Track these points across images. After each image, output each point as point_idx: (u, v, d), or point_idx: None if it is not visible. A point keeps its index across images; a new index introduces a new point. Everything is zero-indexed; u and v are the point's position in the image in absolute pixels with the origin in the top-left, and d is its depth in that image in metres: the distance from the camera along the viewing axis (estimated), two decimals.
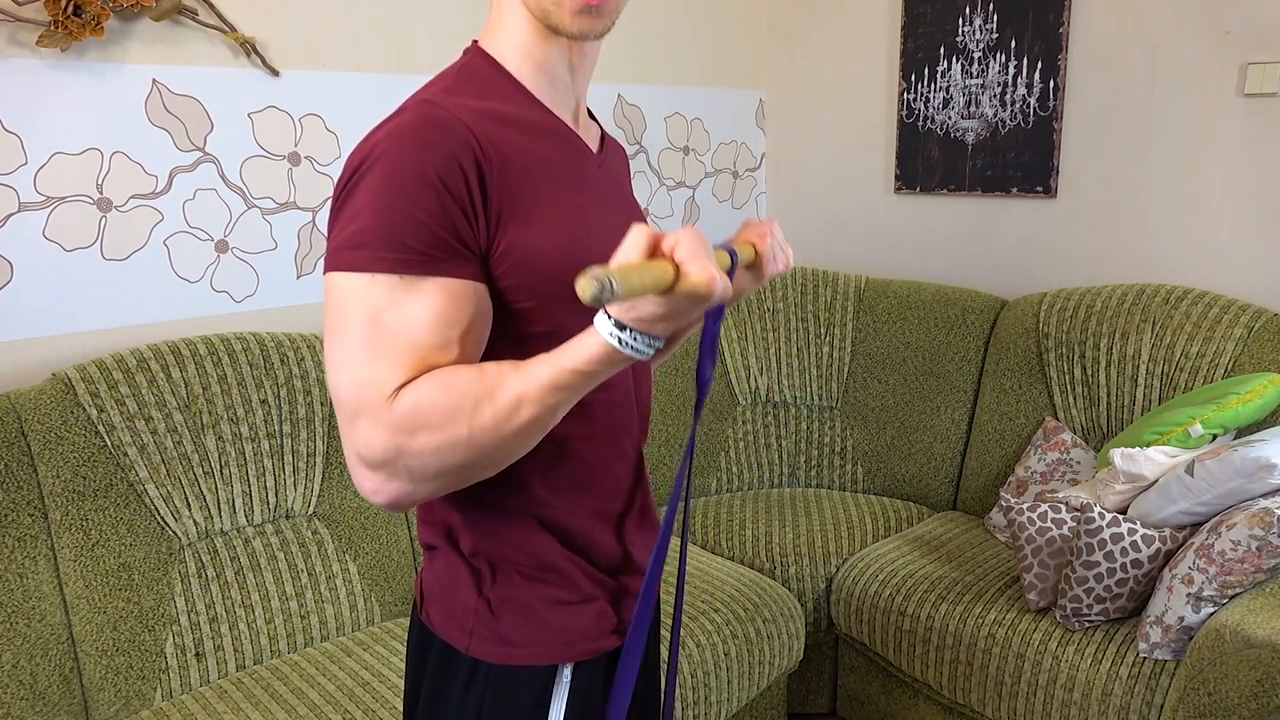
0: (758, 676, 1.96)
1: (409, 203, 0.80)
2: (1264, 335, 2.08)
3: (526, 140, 0.89)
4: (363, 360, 0.80)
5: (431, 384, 0.79)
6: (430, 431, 0.79)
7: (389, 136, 0.82)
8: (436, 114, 0.83)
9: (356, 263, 0.80)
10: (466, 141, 0.83)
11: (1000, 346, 2.44)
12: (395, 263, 0.80)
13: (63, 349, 1.83)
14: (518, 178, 0.87)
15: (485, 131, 0.85)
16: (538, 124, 0.91)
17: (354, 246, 0.80)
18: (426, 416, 0.79)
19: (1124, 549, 1.76)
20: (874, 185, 2.93)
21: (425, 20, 2.24)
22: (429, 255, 0.81)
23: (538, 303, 0.87)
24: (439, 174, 0.81)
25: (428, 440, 0.79)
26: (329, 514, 1.92)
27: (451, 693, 0.97)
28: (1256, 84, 2.17)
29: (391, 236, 0.80)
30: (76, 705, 1.62)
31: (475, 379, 0.80)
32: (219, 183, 1.98)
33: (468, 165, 0.82)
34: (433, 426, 0.79)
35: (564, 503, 0.95)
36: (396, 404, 0.79)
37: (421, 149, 0.81)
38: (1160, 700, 1.67)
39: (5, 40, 1.69)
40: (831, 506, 2.45)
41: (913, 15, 2.71)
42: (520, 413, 0.79)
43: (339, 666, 1.75)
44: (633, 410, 1.01)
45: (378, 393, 0.79)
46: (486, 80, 0.91)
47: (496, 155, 0.85)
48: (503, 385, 0.79)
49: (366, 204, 0.81)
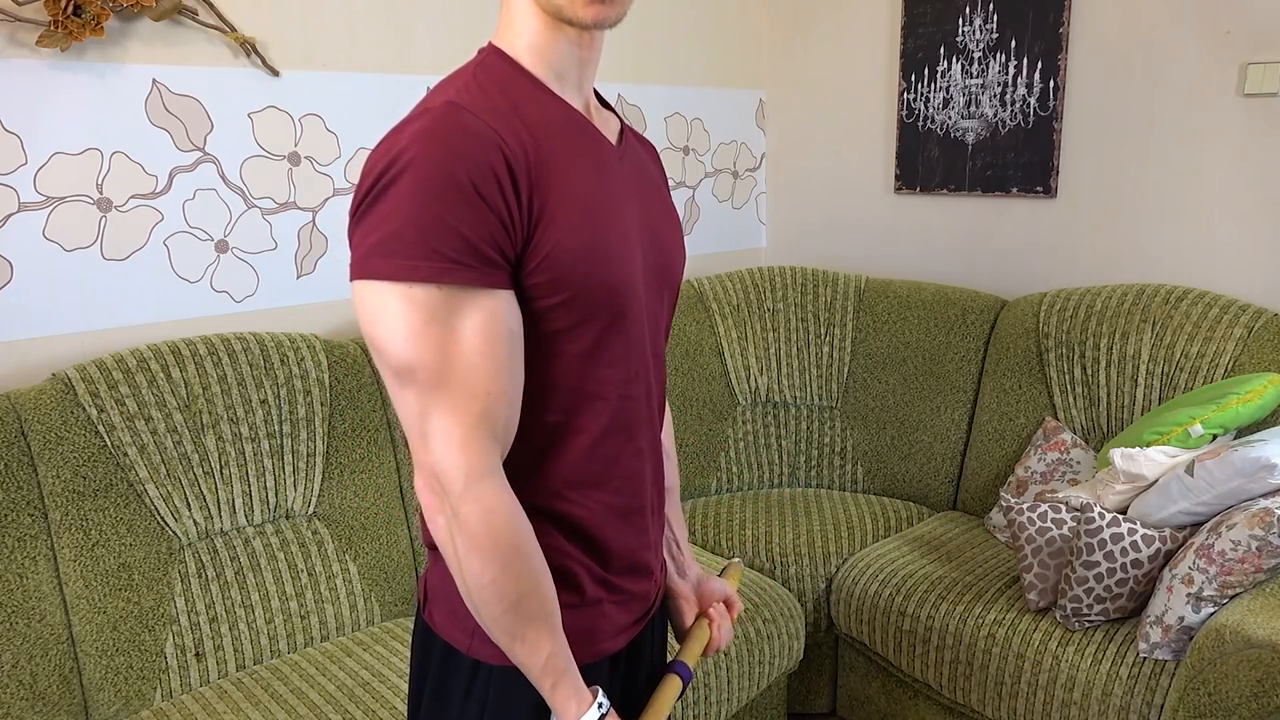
0: (758, 676, 1.97)
1: (442, 209, 0.78)
2: (1264, 335, 2.08)
3: (549, 136, 0.89)
4: (438, 405, 0.83)
5: (509, 540, 0.86)
6: (471, 558, 0.85)
7: (416, 141, 0.80)
8: (464, 118, 0.82)
9: (390, 271, 0.79)
10: (497, 145, 0.82)
11: (1000, 346, 2.44)
12: (429, 270, 0.78)
13: (63, 349, 1.83)
14: (547, 176, 0.86)
15: (512, 134, 0.84)
16: (558, 118, 0.91)
17: (385, 254, 0.79)
18: (479, 553, 0.85)
19: (1124, 549, 1.76)
20: (874, 185, 2.93)
21: (425, 20, 2.24)
22: (465, 265, 0.80)
23: (563, 298, 0.87)
24: (473, 181, 0.79)
25: (475, 563, 0.85)
26: (329, 514, 1.92)
27: (453, 693, 0.97)
28: (1256, 84, 2.17)
29: (426, 244, 0.78)
30: (76, 705, 1.62)
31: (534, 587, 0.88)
32: (219, 183, 1.98)
33: (500, 170, 0.81)
34: (475, 560, 0.85)
35: (578, 497, 0.95)
36: (478, 508, 0.84)
37: (453, 155, 0.79)
38: (1160, 700, 1.67)
39: (5, 40, 1.69)
40: (831, 506, 2.45)
41: (913, 15, 2.71)
42: (516, 645, 0.89)
43: (339, 666, 1.75)
44: (650, 404, 1.01)
45: (461, 469, 0.84)
46: (505, 77, 0.90)
47: (526, 156, 0.84)
48: (532, 623, 0.88)
49: (396, 210, 0.79)
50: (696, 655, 1.11)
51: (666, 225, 1.03)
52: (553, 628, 0.90)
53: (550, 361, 0.90)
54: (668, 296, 1.04)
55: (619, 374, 0.94)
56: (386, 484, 1.99)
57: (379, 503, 1.97)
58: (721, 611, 1.17)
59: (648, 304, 0.98)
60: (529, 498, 0.93)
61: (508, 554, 0.85)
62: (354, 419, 1.96)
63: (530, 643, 0.88)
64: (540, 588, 0.88)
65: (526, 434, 0.91)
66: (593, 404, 0.92)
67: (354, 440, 1.95)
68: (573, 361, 0.90)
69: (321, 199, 2.14)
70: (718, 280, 2.73)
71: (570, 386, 0.91)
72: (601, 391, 0.93)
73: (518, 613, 0.87)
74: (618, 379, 0.94)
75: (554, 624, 0.90)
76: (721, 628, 1.15)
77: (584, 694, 0.91)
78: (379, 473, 1.98)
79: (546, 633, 0.89)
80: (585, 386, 0.92)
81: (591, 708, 0.91)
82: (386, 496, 1.99)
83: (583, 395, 0.92)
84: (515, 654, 0.89)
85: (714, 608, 1.17)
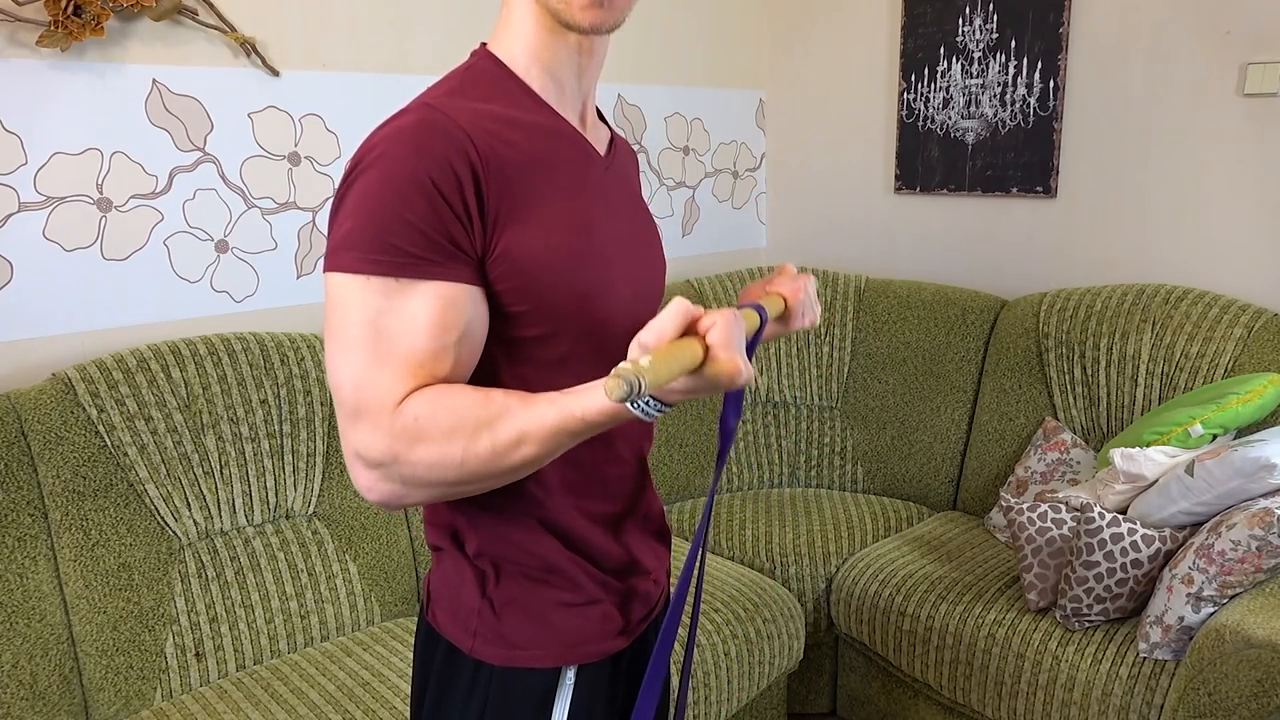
0: (758, 676, 1.97)
1: (400, 205, 0.80)
2: (1264, 335, 2.08)
3: (529, 143, 0.89)
4: (363, 364, 0.81)
5: (434, 401, 0.81)
6: (427, 445, 0.80)
7: (385, 140, 0.83)
8: (434, 118, 0.84)
9: (349, 263, 0.81)
10: (462, 145, 0.83)
11: (1000, 346, 2.44)
12: (388, 265, 0.80)
13: (63, 349, 1.83)
14: (516, 180, 0.87)
15: (484, 134, 0.85)
16: (542, 127, 0.91)
17: (346, 248, 0.81)
18: (426, 432, 0.80)
19: (1124, 549, 1.76)
20: (874, 185, 2.93)
21: (425, 20, 2.24)
22: (421, 258, 0.81)
23: (533, 306, 0.87)
24: (431, 178, 0.81)
25: (424, 454, 0.80)
26: (329, 514, 1.92)
27: (455, 693, 0.97)
28: (1256, 84, 2.17)
29: (381, 238, 0.80)
30: (76, 705, 1.62)
31: (479, 403, 0.81)
32: (219, 183, 1.98)
33: (461, 169, 0.82)
34: (430, 441, 0.80)
35: (558, 504, 0.95)
36: (398, 414, 0.80)
37: (416, 152, 0.81)
38: (1160, 700, 1.67)
39: (5, 40, 1.69)
40: (831, 506, 2.45)
41: (913, 15, 2.71)
42: (520, 449, 0.80)
43: (339, 666, 1.75)
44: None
45: (379, 399, 0.81)
46: (492, 82, 0.91)
47: (494, 158, 0.85)
48: (506, 417, 0.80)
49: (358, 206, 0.82)
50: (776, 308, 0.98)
51: (647, 235, 1.04)
52: (509, 410, 0.80)
53: (525, 369, 0.90)
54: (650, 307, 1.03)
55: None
56: None
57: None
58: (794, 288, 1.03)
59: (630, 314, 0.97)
60: (515, 506, 0.93)
61: (428, 421, 0.80)
62: None
63: (517, 440, 0.80)
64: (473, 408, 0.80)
65: None
66: None
67: None
68: (548, 370, 0.90)
69: (321, 199, 2.14)
70: (718, 280, 2.73)
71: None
72: None
73: (474, 440, 0.80)
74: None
75: (510, 408, 0.80)
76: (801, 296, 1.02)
77: (594, 387, 0.79)
78: None
79: (514, 420, 0.80)
80: None
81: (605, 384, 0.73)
82: None
83: None
84: (519, 455, 0.81)
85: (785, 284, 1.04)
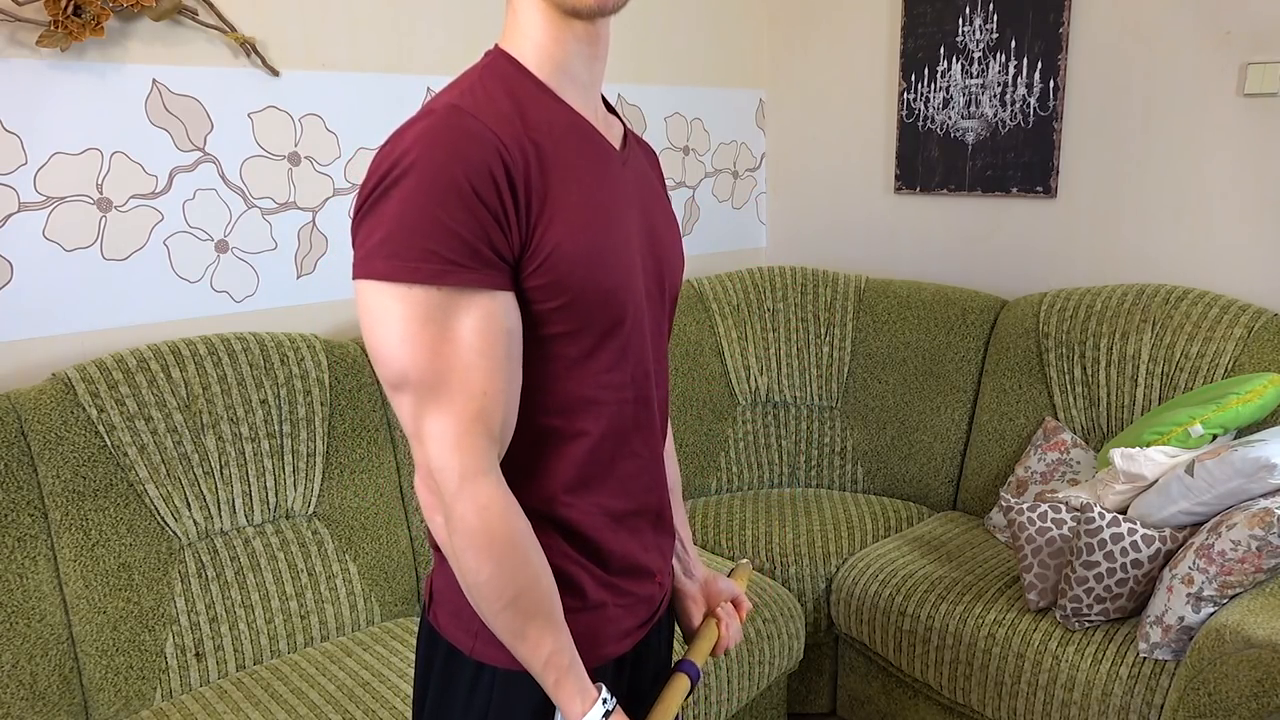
0: (758, 676, 1.97)
1: (439, 211, 0.80)
2: (1264, 335, 2.08)
3: (552, 140, 0.89)
4: (419, 399, 0.84)
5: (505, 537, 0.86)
6: (467, 555, 0.86)
7: (418, 142, 0.82)
8: (465, 122, 0.83)
9: (390, 272, 0.80)
10: (495, 147, 0.83)
11: (1000, 346, 2.44)
12: (428, 273, 0.80)
13: (63, 349, 1.83)
14: (547, 180, 0.87)
15: (512, 134, 0.85)
16: (562, 122, 0.91)
17: (386, 255, 0.80)
18: (475, 550, 0.85)
19: (1124, 549, 1.76)
20: (874, 185, 2.93)
21: (425, 20, 2.24)
22: (463, 265, 0.81)
23: (563, 302, 0.88)
24: (471, 184, 0.81)
25: (465, 558, 0.86)
26: (329, 514, 1.92)
27: (457, 695, 0.97)
28: (1256, 84, 2.17)
29: (425, 245, 0.80)
30: (76, 705, 1.62)
31: (533, 583, 0.88)
32: (219, 183, 1.98)
33: (498, 172, 0.82)
34: (471, 556, 0.86)
35: (574, 500, 0.95)
36: (472, 505, 0.85)
37: (452, 156, 0.81)
38: (1160, 700, 1.67)
39: (5, 40, 1.69)
40: (831, 506, 2.45)
41: (913, 15, 2.71)
42: (518, 643, 0.89)
43: (339, 666, 1.75)
44: (648, 410, 1.00)
45: (455, 468, 0.84)
46: (511, 81, 0.90)
47: (525, 158, 0.85)
48: (533, 620, 0.88)
49: (398, 212, 0.80)
50: (704, 655, 1.11)
51: (666, 231, 1.04)
52: (555, 624, 0.90)
53: (548, 365, 0.90)
54: (668, 302, 1.04)
55: (616, 379, 0.94)
56: (386, 484, 1.99)
57: (379, 503, 1.97)
58: (730, 611, 1.16)
59: (648, 310, 0.98)
60: (525, 501, 0.93)
61: (503, 551, 0.85)
62: (354, 419, 1.96)
63: (532, 639, 0.88)
64: (539, 584, 0.88)
65: (522, 437, 0.91)
66: (589, 408, 0.93)
67: (354, 440, 1.95)
68: (570, 366, 0.91)
69: (321, 199, 2.14)
70: (718, 280, 2.73)
71: (567, 390, 0.91)
72: (598, 396, 0.93)
73: (516, 609, 0.87)
74: (615, 384, 0.94)
75: (555, 620, 0.90)
76: (730, 627, 1.15)
77: (589, 691, 0.91)
78: (379, 473, 1.98)
79: (548, 629, 0.89)
80: (582, 391, 0.92)
81: (596, 704, 0.91)
82: (386, 496, 1.99)
83: (579, 400, 0.92)
84: (518, 651, 0.89)
85: (722, 607, 1.16)
